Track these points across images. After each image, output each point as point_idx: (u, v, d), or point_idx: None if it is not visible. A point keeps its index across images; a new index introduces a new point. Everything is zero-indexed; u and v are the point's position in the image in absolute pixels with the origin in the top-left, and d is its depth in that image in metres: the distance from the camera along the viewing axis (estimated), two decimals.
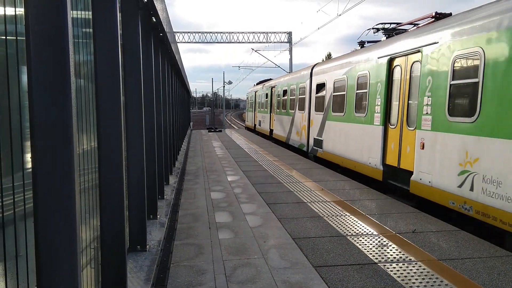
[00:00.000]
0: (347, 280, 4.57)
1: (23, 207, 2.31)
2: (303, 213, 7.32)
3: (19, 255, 2.22)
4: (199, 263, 5.09)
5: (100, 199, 3.66)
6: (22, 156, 2.37)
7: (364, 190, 9.40)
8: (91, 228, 3.52)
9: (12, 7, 2.24)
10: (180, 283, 4.51)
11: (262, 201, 8.22)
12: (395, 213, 7.31)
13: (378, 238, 5.99)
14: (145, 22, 6.04)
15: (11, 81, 2.17)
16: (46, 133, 2.20)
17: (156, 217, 6.50)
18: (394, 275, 4.70)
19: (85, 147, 3.34)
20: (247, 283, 4.51)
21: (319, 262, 5.10)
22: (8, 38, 2.18)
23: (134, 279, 4.31)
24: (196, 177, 11.14)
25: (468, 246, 5.64)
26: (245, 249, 5.54)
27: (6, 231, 2.12)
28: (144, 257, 4.92)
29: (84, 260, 3.17)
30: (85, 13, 3.46)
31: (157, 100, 7.26)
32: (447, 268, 4.90)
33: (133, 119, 5.05)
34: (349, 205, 7.92)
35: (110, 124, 3.63)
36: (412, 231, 6.27)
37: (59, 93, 2.23)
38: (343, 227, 6.51)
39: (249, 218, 7.02)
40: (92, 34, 3.55)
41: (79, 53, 3.25)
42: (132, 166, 5.14)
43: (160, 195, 7.69)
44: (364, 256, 5.30)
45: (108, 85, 3.60)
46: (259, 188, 9.52)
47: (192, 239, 5.97)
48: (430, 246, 5.63)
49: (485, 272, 4.80)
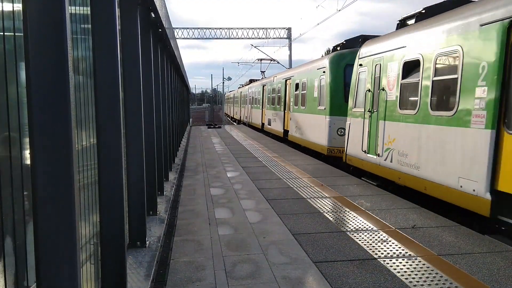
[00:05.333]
0: (347, 276, 4.58)
1: (22, 204, 2.31)
2: (303, 209, 7.32)
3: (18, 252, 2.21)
4: (199, 259, 5.09)
5: (100, 195, 3.66)
6: (21, 153, 2.37)
7: (363, 186, 9.40)
8: (91, 224, 3.52)
9: (10, 3, 2.23)
10: (180, 279, 4.51)
11: (261, 197, 8.22)
12: (395, 209, 7.31)
13: (378, 233, 6.00)
14: (144, 18, 6.02)
15: (9, 78, 2.16)
16: (45, 129, 2.19)
17: (155, 213, 6.50)
18: (394, 270, 4.71)
19: (84, 144, 3.34)
20: (247, 279, 4.52)
21: (319, 257, 5.11)
22: (6, 34, 2.16)
23: (134, 275, 4.31)
24: (195, 173, 11.14)
25: (468, 242, 5.64)
26: (245, 245, 5.55)
27: (5, 228, 2.12)
28: (144, 253, 4.92)
29: (84, 256, 3.17)
30: (83, 8, 3.44)
31: (157, 96, 7.25)
32: (447, 264, 4.91)
33: (132, 115, 5.04)
34: (349, 200, 7.92)
35: (109, 120, 3.62)
36: (412, 227, 6.27)
37: (58, 89, 2.22)
38: (343, 222, 6.52)
39: (249, 214, 7.02)
40: (90, 30, 3.53)
41: (78, 49, 3.24)
42: (132, 162, 5.13)
43: (159, 191, 7.69)
44: (364, 251, 5.30)
45: (107, 81, 3.58)
46: (259, 184, 9.52)
47: (192, 235, 5.98)
48: (430, 242, 5.64)
49: (485, 267, 4.81)
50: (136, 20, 5.02)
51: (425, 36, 8.13)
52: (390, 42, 9.59)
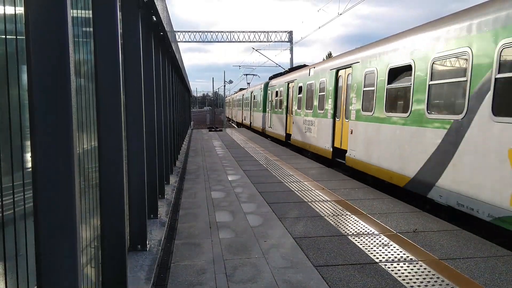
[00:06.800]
0: (348, 280, 4.56)
1: (23, 206, 2.30)
2: (304, 213, 7.31)
3: (19, 255, 2.21)
4: (199, 262, 5.08)
5: (101, 198, 3.65)
6: (22, 156, 2.37)
7: (365, 189, 9.39)
8: (92, 228, 3.51)
9: (12, 6, 2.23)
10: (180, 283, 4.50)
11: (262, 200, 8.21)
12: (396, 213, 7.29)
13: (379, 237, 5.98)
14: (145, 21, 6.03)
15: (11, 81, 2.16)
16: (46, 132, 2.19)
17: (156, 217, 6.49)
18: (395, 274, 4.69)
19: (85, 147, 3.34)
20: (247, 282, 4.50)
21: (320, 261, 5.09)
22: (7, 37, 2.16)
23: (135, 279, 4.30)
24: (196, 177, 11.14)
25: (470, 246, 5.62)
26: (246, 249, 5.53)
27: (6, 231, 2.11)
28: (145, 256, 4.91)
29: (85, 260, 3.17)
30: (85, 12, 3.45)
31: (158, 100, 7.26)
32: (448, 268, 4.89)
33: (133, 118, 5.04)
34: (350, 204, 7.91)
35: (110, 123, 3.62)
36: (413, 231, 6.26)
37: (59, 92, 2.22)
38: (344, 226, 6.50)
39: (250, 218, 7.01)
40: (92, 33, 3.54)
41: (79, 52, 3.24)
42: (133, 165, 5.13)
43: (160, 194, 7.68)
44: (365, 255, 5.29)
45: (108, 84, 3.59)
46: (260, 187, 9.51)
47: (193, 239, 5.97)
48: (432, 246, 5.62)
49: (487, 272, 4.79)
50: (138, 23, 5.03)
51: (292, 77, 18.88)
52: (273, 81, 24.34)
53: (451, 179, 7.10)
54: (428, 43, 8.16)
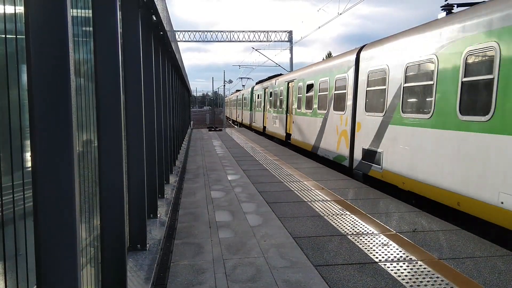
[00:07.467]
0: (348, 280, 4.57)
1: (23, 206, 2.31)
2: (304, 212, 7.31)
3: (18, 254, 2.21)
4: (199, 262, 5.08)
5: (100, 198, 3.66)
6: (22, 155, 2.37)
7: (364, 189, 9.39)
8: (91, 227, 3.52)
9: (12, 5, 2.23)
10: (180, 282, 4.51)
11: (262, 200, 8.22)
12: (396, 212, 7.30)
13: (379, 237, 5.99)
14: (145, 21, 6.03)
15: (10, 80, 2.16)
16: (46, 132, 2.19)
17: (156, 216, 6.49)
18: (395, 274, 4.70)
19: (85, 147, 3.34)
20: (247, 282, 4.51)
21: (320, 261, 5.10)
22: (7, 37, 2.17)
23: (134, 278, 4.31)
24: (196, 176, 11.14)
25: (469, 245, 5.63)
26: (246, 248, 5.54)
27: (6, 231, 2.11)
28: (144, 256, 4.91)
29: (84, 259, 3.17)
30: (85, 11, 3.45)
31: (158, 99, 7.26)
32: (448, 268, 4.90)
33: (133, 118, 5.04)
34: (350, 204, 7.91)
35: (110, 123, 3.63)
36: (413, 230, 6.26)
37: (59, 92, 2.22)
38: (344, 226, 6.51)
39: (249, 217, 7.01)
40: (92, 33, 3.54)
41: (79, 52, 3.24)
42: (132, 165, 5.13)
43: (160, 194, 7.69)
44: (365, 255, 5.29)
45: (108, 84, 3.59)
46: (259, 187, 9.51)
47: (192, 238, 5.97)
48: (431, 246, 5.62)
49: (486, 271, 4.79)
50: (138, 23, 5.03)
51: (269, 84, 25.08)
52: (256, 86, 32.27)
53: (323, 143, 14.30)
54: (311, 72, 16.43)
